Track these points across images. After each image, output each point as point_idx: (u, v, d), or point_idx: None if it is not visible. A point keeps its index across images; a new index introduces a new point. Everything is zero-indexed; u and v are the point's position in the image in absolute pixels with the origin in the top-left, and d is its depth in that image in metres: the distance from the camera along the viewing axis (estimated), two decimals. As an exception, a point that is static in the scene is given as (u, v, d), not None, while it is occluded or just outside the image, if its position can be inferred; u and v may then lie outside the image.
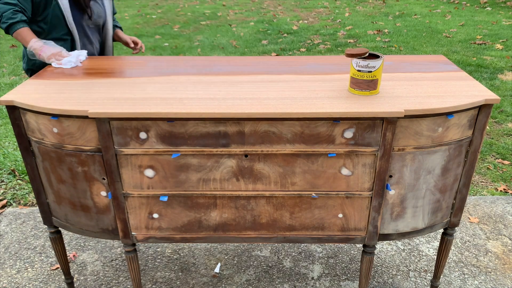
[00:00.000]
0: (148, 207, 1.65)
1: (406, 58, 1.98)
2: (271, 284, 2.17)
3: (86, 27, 2.11)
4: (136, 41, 2.37)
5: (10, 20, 1.83)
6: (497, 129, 3.75)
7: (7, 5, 1.84)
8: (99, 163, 1.55)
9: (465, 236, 2.48)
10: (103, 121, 1.46)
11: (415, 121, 1.47)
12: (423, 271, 2.24)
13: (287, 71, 1.82)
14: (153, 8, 9.94)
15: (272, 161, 1.55)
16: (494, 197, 2.84)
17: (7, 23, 1.83)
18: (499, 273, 2.22)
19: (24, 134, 1.59)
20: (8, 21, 1.83)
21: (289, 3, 10.41)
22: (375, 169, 1.55)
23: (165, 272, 2.25)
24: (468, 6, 9.32)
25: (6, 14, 1.83)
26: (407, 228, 1.71)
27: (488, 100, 1.51)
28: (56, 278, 2.19)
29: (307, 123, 1.47)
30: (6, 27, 1.85)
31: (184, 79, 1.73)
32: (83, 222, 1.72)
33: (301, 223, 1.68)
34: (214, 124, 1.48)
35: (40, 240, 2.46)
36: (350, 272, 2.24)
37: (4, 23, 1.84)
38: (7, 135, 3.67)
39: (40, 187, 1.70)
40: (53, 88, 1.64)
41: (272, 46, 6.38)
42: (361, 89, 1.55)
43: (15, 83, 4.83)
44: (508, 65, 5.26)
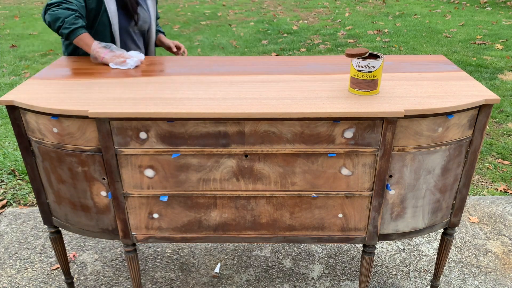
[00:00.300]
0: (148, 207, 1.65)
1: (406, 58, 1.98)
2: (271, 284, 2.17)
3: (133, 33, 2.12)
4: (179, 45, 2.34)
5: (73, 25, 1.82)
6: (497, 129, 3.75)
7: (68, 11, 1.83)
8: (99, 163, 1.55)
9: (465, 236, 2.49)
10: (103, 121, 1.46)
11: (415, 121, 1.47)
12: (423, 271, 2.24)
13: (287, 71, 1.82)
14: (153, 8, 9.92)
15: (272, 161, 1.55)
16: (494, 197, 2.84)
17: (70, 28, 1.82)
18: (499, 273, 2.22)
19: (24, 134, 1.59)
20: (71, 26, 1.82)
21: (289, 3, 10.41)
22: (375, 169, 1.55)
23: (165, 272, 2.25)
24: (468, 6, 9.32)
25: (68, 19, 1.82)
26: (407, 228, 1.71)
27: (488, 100, 1.51)
28: (56, 278, 2.19)
29: (307, 123, 1.47)
30: (69, 33, 1.83)
31: (184, 79, 1.73)
32: (83, 222, 1.72)
33: (301, 223, 1.68)
34: (214, 124, 1.48)
35: (40, 240, 2.46)
36: (350, 272, 2.24)
37: (67, 29, 1.82)
38: (7, 135, 3.67)
39: (40, 187, 1.70)
40: (53, 88, 1.64)
41: (272, 46, 6.38)
42: (361, 89, 1.55)
43: (15, 83, 4.83)
44: (508, 65, 5.26)
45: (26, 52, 6.15)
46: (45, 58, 5.89)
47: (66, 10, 1.83)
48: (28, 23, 8.29)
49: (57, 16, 1.82)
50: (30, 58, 5.86)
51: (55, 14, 1.82)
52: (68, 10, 1.83)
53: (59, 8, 1.82)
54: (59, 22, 1.82)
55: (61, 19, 1.82)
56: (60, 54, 6.12)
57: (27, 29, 7.70)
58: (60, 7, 1.83)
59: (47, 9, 1.85)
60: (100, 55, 1.86)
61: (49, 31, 7.52)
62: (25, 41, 6.85)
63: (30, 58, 5.86)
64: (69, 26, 1.82)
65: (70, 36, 1.85)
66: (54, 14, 1.82)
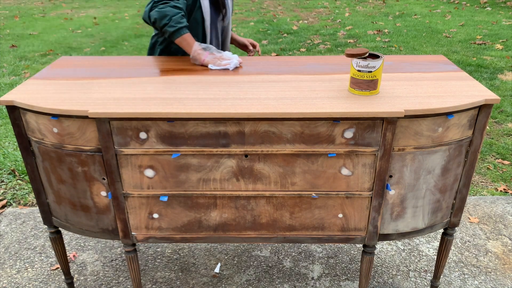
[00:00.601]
0: (148, 207, 1.65)
1: (406, 58, 1.98)
2: (271, 284, 2.17)
3: (218, 29, 2.10)
4: (254, 43, 2.30)
5: (179, 24, 1.80)
6: (497, 129, 3.75)
7: (176, 9, 1.81)
8: (99, 163, 1.55)
9: (465, 236, 2.48)
10: (103, 121, 1.46)
11: (415, 121, 1.47)
12: (423, 271, 2.24)
13: (287, 71, 1.82)
14: (153, 8, 9.92)
15: (272, 161, 1.55)
16: (494, 197, 2.84)
17: (176, 27, 1.80)
18: (499, 273, 2.22)
19: (24, 134, 1.59)
20: (177, 25, 1.80)
21: (289, 3, 10.41)
22: (375, 169, 1.55)
23: (165, 272, 2.25)
24: (468, 6, 9.32)
25: (175, 17, 1.80)
26: (407, 228, 1.71)
27: (488, 100, 1.51)
28: (56, 278, 2.19)
29: (307, 123, 1.47)
30: (174, 31, 1.81)
31: (184, 79, 1.73)
32: (83, 222, 1.72)
33: (301, 223, 1.68)
34: (214, 124, 1.48)
35: (40, 240, 2.46)
36: (350, 272, 2.24)
37: (173, 27, 1.80)
38: (7, 135, 3.67)
39: (40, 187, 1.70)
40: (53, 88, 1.64)
41: (272, 46, 6.38)
42: (361, 89, 1.55)
43: (15, 83, 4.83)
44: (508, 65, 5.26)
45: (26, 52, 6.15)
46: (45, 58, 5.89)
47: (173, 8, 1.81)
48: (28, 23, 8.29)
49: (165, 13, 1.79)
50: (30, 58, 5.86)
51: (164, 11, 1.80)
52: (176, 8, 1.82)
53: (167, 6, 1.81)
54: (166, 20, 1.80)
55: (169, 16, 1.80)
56: (60, 54, 6.12)
57: (27, 29, 7.70)
58: (168, 5, 1.81)
59: (153, 6, 1.83)
60: (201, 57, 1.85)
61: (49, 31, 7.52)
62: (25, 41, 6.85)
63: (30, 58, 5.86)
64: (175, 24, 1.80)
65: (174, 35, 1.82)
66: (162, 11, 1.80)
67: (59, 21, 8.45)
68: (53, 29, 7.77)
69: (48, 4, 10.74)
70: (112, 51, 6.28)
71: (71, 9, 9.91)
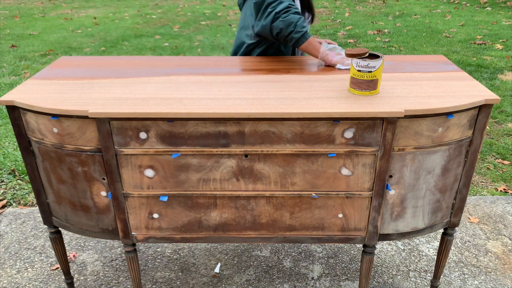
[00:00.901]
0: (148, 207, 1.65)
1: (406, 58, 1.98)
2: (271, 284, 2.17)
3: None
4: (329, 42, 2.25)
5: (304, 29, 1.79)
6: (497, 129, 3.75)
7: (297, 15, 1.80)
8: (99, 163, 1.55)
9: (465, 236, 2.48)
10: (103, 121, 1.46)
11: (415, 121, 1.47)
12: (423, 271, 2.24)
13: (287, 71, 1.82)
14: (153, 8, 9.94)
15: (272, 161, 1.55)
16: (494, 197, 2.84)
17: (302, 32, 1.79)
18: (499, 273, 2.22)
19: (24, 134, 1.59)
20: (302, 30, 1.79)
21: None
22: (375, 169, 1.55)
23: (165, 272, 2.25)
24: (468, 6, 9.32)
25: (299, 23, 1.79)
26: (407, 228, 1.71)
27: (488, 100, 1.51)
28: (56, 278, 2.19)
29: (307, 123, 1.47)
30: (300, 36, 1.80)
31: (184, 79, 1.73)
32: (83, 222, 1.72)
33: (301, 223, 1.68)
34: (214, 124, 1.48)
35: (40, 240, 2.46)
36: (350, 272, 2.24)
37: (298, 33, 1.79)
38: (7, 135, 3.67)
39: (40, 187, 1.70)
40: (53, 88, 1.64)
41: (272, 46, 6.37)
42: (361, 89, 1.55)
43: (15, 83, 4.83)
44: (508, 65, 5.26)
45: (26, 52, 6.15)
46: (45, 58, 5.89)
47: (295, 14, 1.80)
48: (28, 23, 8.29)
49: (290, 21, 1.78)
50: (30, 58, 5.86)
51: (288, 19, 1.78)
52: (297, 14, 1.81)
53: (289, 13, 1.79)
54: (292, 27, 1.78)
55: (294, 23, 1.78)
56: (60, 54, 6.12)
57: (27, 29, 7.71)
58: (290, 12, 1.79)
59: (276, 17, 1.79)
60: (328, 58, 1.85)
61: (49, 31, 7.53)
62: (25, 41, 6.85)
63: (30, 58, 5.86)
64: (300, 29, 1.79)
65: (300, 40, 1.81)
66: (287, 20, 1.78)
67: (59, 21, 8.46)
68: (53, 29, 7.77)
69: (48, 4, 10.74)
70: (112, 51, 6.28)
71: (71, 9, 9.91)
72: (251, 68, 1.87)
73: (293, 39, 1.81)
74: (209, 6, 10.18)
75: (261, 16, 1.86)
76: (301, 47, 1.85)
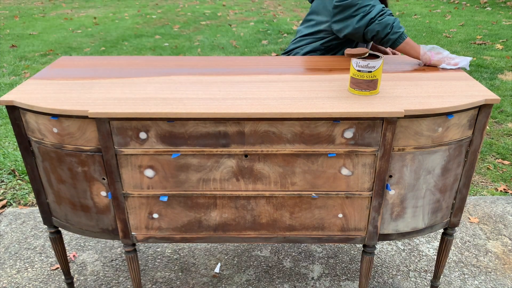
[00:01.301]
0: (148, 207, 1.65)
1: (406, 58, 1.98)
2: (271, 284, 2.17)
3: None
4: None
5: (401, 29, 1.82)
6: (497, 129, 3.75)
7: (392, 16, 1.84)
8: (99, 163, 1.55)
9: (465, 236, 2.48)
10: (103, 121, 1.46)
11: (415, 121, 1.47)
12: (423, 271, 2.24)
13: (287, 71, 1.82)
14: (153, 8, 9.94)
15: (272, 161, 1.55)
16: (494, 197, 2.84)
17: (399, 33, 1.82)
18: (499, 273, 2.22)
19: (24, 134, 1.59)
20: (399, 31, 1.82)
21: (289, 3, 10.41)
22: (375, 169, 1.55)
23: (165, 272, 2.25)
24: (468, 6, 9.32)
25: (395, 24, 1.82)
26: (407, 228, 1.71)
27: (488, 100, 1.51)
28: (56, 278, 2.19)
29: (307, 123, 1.47)
30: (397, 37, 1.83)
31: (184, 79, 1.73)
32: (83, 222, 1.72)
33: (301, 223, 1.68)
34: (214, 124, 1.48)
35: (40, 240, 2.46)
36: (350, 272, 2.24)
37: (396, 33, 1.82)
38: (7, 135, 3.67)
39: (40, 187, 1.70)
40: (53, 88, 1.64)
41: (272, 46, 6.38)
42: (361, 89, 1.55)
43: (15, 83, 4.83)
44: (508, 65, 5.26)
45: (26, 52, 6.16)
46: (45, 58, 5.89)
47: (390, 16, 1.83)
48: (28, 23, 8.29)
49: (387, 23, 1.81)
50: (30, 58, 5.86)
51: (385, 22, 1.81)
52: (392, 16, 1.84)
53: (385, 15, 1.83)
54: (388, 29, 1.82)
55: (390, 25, 1.82)
56: (60, 54, 6.12)
57: (27, 29, 7.71)
58: (385, 14, 1.83)
59: (371, 21, 1.83)
60: (428, 58, 1.86)
61: (49, 31, 7.53)
62: (25, 41, 6.85)
63: (30, 58, 5.86)
64: (397, 30, 1.82)
65: (397, 41, 1.84)
66: (383, 22, 1.82)
67: (59, 21, 8.46)
68: (53, 29, 7.77)
69: (48, 4, 10.74)
70: (112, 51, 6.28)
71: (71, 9, 9.92)
72: (251, 68, 1.87)
73: (390, 40, 1.84)
74: (209, 6, 10.18)
75: (348, 18, 1.88)
76: (398, 48, 1.87)
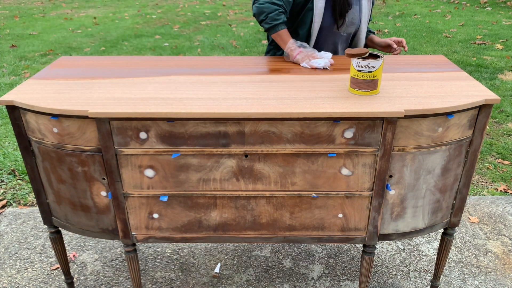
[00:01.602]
0: (148, 207, 1.65)
1: (406, 58, 1.98)
2: (271, 284, 2.17)
3: (337, 34, 2.05)
4: (399, 40, 2.17)
5: (274, 21, 1.86)
6: (497, 129, 3.75)
7: (273, 5, 1.86)
8: (99, 163, 1.55)
9: (465, 236, 2.48)
10: (103, 121, 1.46)
11: (415, 121, 1.47)
12: (423, 271, 2.24)
13: (287, 71, 1.82)
14: (153, 8, 9.94)
15: (272, 161, 1.55)
16: (494, 197, 2.84)
17: (271, 24, 1.86)
18: (499, 273, 2.22)
19: (24, 134, 1.59)
20: (272, 22, 1.86)
21: (289, 3, 10.39)
22: (375, 169, 1.55)
23: (165, 272, 2.25)
24: (468, 6, 9.32)
25: (271, 15, 1.85)
26: (407, 228, 1.71)
27: (488, 100, 1.51)
28: (56, 278, 2.19)
29: (307, 123, 1.47)
30: (269, 28, 1.88)
31: (184, 79, 1.73)
32: (83, 222, 1.72)
33: (301, 223, 1.68)
34: (214, 124, 1.48)
35: (40, 240, 2.46)
36: (350, 272, 2.24)
37: (268, 24, 1.87)
38: (7, 135, 3.67)
39: (40, 187, 1.70)
40: (53, 88, 1.64)
41: (272, 46, 6.37)
42: (361, 89, 1.55)
43: (15, 83, 4.83)
44: (508, 65, 5.26)
45: (26, 52, 6.16)
46: (45, 58, 5.89)
47: (271, 5, 1.86)
48: (28, 23, 8.29)
49: (262, 10, 1.86)
50: (30, 58, 5.86)
51: (261, 8, 1.86)
52: (273, 5, 1.86)
53: (266, 2, 1.86)
54: (263, 16, 1.87)
55: (265, 13, 1.86)
56: (60, 54, 6.12)
57: (27, 29, 7.71)
58: (266, 1, 1.86)
59: (254, 1, 1.90)
60: (293, 54, 1.88)
61: (49, 31, 7.53)
62: (25, 41, 6.85)
63: (30, 58, 5.86)
64: (270, 22, 1.86)
65: (270, 31, 1.90)
66: (260, 8, 1.87)
67: (59, 21, 8.46)
68: (53, 29, 7.77)
69: (48, 4, 10.74)
70: (112, 51, 6.28)
71: (71, 9, 9.92)
72: (251, 68, 1.87)
73: (264, 27, 1.91)
74: (209, 6, 10.18)
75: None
76: (272, 37, 1.94)
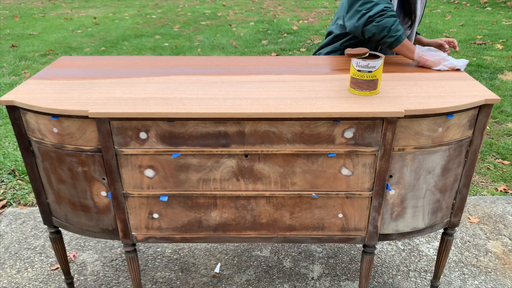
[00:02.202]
0: (148, 207, 1.65)
1: (407, 59, 1.98)
2: (271, 284, 2.17)
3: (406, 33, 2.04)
4: (450, 40, 2.13)
5: (398, 32, 1.78)
6: (497, 129, 3.75)
7: (392, 18, 1.78)
8: (99, 163, 1.55)
9: (465, 236, 2.48)
10: (103, 121, 1.46)
11: (415, 121, 1.47)
12: (423, 271, 2.24)
13: (287, 71, 1.82)
14: (153, 8, 9.94)
15: (272, 161, 1.55)
16: (494, 197, 2.84)
17: (396, 36, 1.78)
18: (499, 273, 2.22)
19: (24, 134, 1.59)
20: (396, 34, 1.78)
21: (289, 3, 10.41)
22: (375, 169, 1.55)
23: (165, 272, 2.25)
24: (468, 6, 9.32)
25: (393, 27, 1.77)
26: (407, 228, 1.71)
27: (488, 100, 1.51)
28: (56, 278, 2.19)
29: (307, 123, 1.47)
30: (394, 40, 1.79)
31: (184, 79, 1.73)
32: (83, 222, 1.72)
33: (301, 223, 1.68)
34: (214, 124, 1.48)
35: (40, 240, 2.46)
36: (350, 272, 2.24)
37: (392, 37, 1.78)
38: (7, 135, 3.67)
39: (40, 187, 1.70)
40: (53, 88, 1.64)
41: (272, 46, 6.38)
42: (361, 89, 1.55)
43: (15, 83, 4.83)
44: (508, 65, 5.26)
45: (26, 52, 6.15)
46: (45, 58, 5.89)
47: (390, 18, 1.78)
48: (28, 23, 8.29)
49: (384, 25, 1.77)
50: (30, 58, 5.86)
51: (382, 24, 1.77)
52: (392, 17, 1.79)
53: (384, 17, 1.77)
54: (385, 32, 1.78)
55: (387, 28, 1.77)
56: (60, 54, 6.12)
57: (27, 29, 7.71)
58: (384, 16, 1.78)
59: (369, 20, 1.79)
60: (423, 59, 1.84)
61: (49, 31, 7.52)
62: (25, 41, 6.85)
63: (30, 58, 5.86)
64: (394, 34, 1.78)
65: (394, 43, 1.80)
66: (381, 24, 1.77)
67: (59, 21, 8.46)
68: (53, 29, 7.77)
69: (48, 4, 10.74)
70: (112, 51, 6.29)
71: (71, 9, 9.92)
72: (251, 68, 1.87)
73: (386, 43, 1.81)
74: (209, 6, 10.18)
75: (354, 15, 1.84)
76: (395, 50, 1.85)
